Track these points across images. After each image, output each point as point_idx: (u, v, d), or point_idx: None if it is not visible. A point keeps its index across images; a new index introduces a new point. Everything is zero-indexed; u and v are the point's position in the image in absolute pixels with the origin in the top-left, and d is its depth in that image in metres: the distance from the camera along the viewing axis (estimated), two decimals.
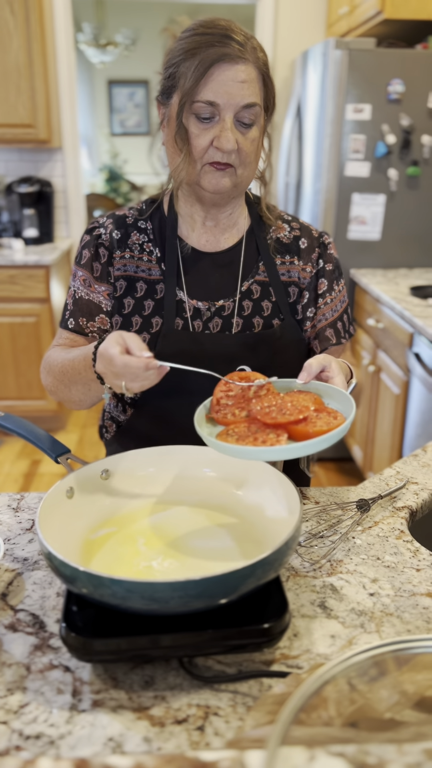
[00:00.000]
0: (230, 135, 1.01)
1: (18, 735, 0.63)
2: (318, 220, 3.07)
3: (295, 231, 1.21)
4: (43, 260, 3.22)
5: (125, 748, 0.62)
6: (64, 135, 3.61)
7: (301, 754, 0.44)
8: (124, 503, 0.89)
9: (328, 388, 0.91)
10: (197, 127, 1.03)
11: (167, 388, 1.13)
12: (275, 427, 0.84)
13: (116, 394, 1.21)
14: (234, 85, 1.00)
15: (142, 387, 0.89)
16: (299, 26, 3.56)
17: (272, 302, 1.17)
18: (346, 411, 0.86)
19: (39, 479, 3.10)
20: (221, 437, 0.85)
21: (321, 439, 0.78)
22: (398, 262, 3.13)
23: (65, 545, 0.78)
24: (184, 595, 0.65)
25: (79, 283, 1.18)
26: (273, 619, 0.70)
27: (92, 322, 1.17)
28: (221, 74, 0.99)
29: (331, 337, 1.21)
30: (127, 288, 1.16)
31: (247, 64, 1.01)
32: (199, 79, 1.00)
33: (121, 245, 1.17)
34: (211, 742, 0.62)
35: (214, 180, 1.06)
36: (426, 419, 2.25)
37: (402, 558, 0.91)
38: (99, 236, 1.18)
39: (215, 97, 1.00)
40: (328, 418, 0.84)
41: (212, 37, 1.00)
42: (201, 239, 1.17)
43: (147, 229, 1.18)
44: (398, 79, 2.83)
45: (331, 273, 1.22)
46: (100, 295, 1.17)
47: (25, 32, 3.17)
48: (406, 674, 0.60)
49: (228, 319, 1.15)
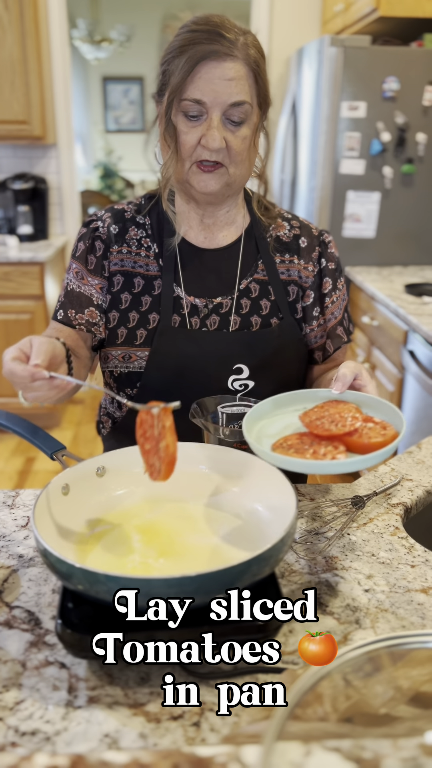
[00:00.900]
0: (216, 134, 1.01)
1: (14, 731, 0.63)
2: (313, 217, 3.08)
3: (295, 229, 1.21)
4: (37, 257, 3.21)
5: (121, 744, 0.62)
6: (59, 131, 3.60)
7: (298, 749, 0.44)
8: (120, 500, 0.89)
9: (366, 398, 0.92)
10: (185, 125, 1.02)
11: (162, 386, 1.13)
12: (330, 439, 0.84)
13: (112, 390, 1.21)
14: (221, 83, 0.99)
15: (37, 399, 0.87)
16: (294, 23, 3.56)
17: (271, 301, 1.16)
18: (393, 421, 0.87)
19: (33, 476, 3.09)
20: (279, 450, 0.83)
21: (383, 451, 0.79)
22: (393, 259, 3.13)
23: (61, 542, 0.78)
24: (180, 592, 0.65)
25: (72, 275, 1.18)
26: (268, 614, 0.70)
27: (81, 314, 1.15)
28: (208, 72, 0.99)
29: (342, 335, 1.22)
30: (125, 283, 1.15)
31: (236, 61, 0.99)
32: (185, 76, 0.99)
33: (118, 240, 1.16)
34: (207, 738, 0.62)
35: (203, 182, 1.06)
36: (420, 416, 2.26)
37: (397, 554, 0.91)
38: (96, 229, 1.17)
39: (202, 95, 0.99)
40: (379, 429, 0.84)
41: (201, 34, 0.99)
42: (199, 236, 1.17)
43: (145, 224, 1.17)
44: (393, 76, 2.83)
45: (333, 271, 1.21)
46: (92, 288, 1.16)
47: (19, 28, 3.15)
48: (400, 670, 0.61)
49: (225, 316, 1.14)
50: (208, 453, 0.94)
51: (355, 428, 0.84)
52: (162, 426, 0.78)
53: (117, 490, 0.90)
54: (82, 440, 3.45)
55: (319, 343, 1.22)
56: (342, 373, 0.93)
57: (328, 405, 0.92)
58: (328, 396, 0.95)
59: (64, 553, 0.72)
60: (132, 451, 0.94)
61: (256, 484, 0.88)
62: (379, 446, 0.80)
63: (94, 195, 6.58)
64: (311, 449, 0.82)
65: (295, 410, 0.96)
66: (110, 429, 1.26)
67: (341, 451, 0.81)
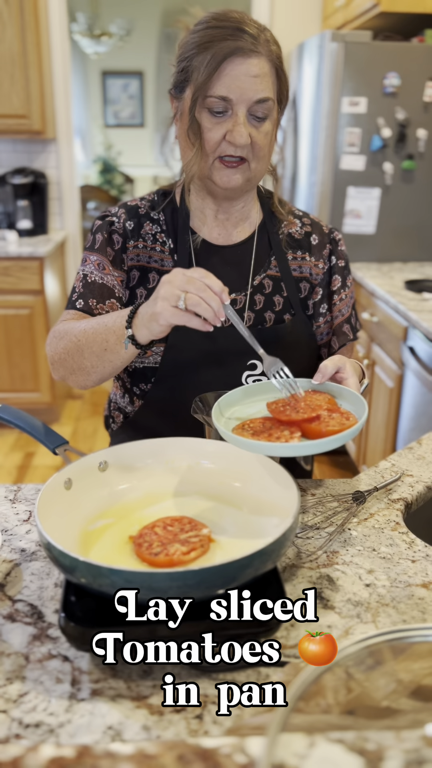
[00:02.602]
0: (243, 130, 1.01)
1: (18, 724, 0.63)
2: (313, 213, 3.07)
3: (306, 227, 1.21)
4: (37, 252, 3.21)
5: (124, 736, 0.62)
6: (59, 126, 3.59)
7: (302, 741, 0.45)
8: (122, 494, 0.90)
9: (342, 390, 0.94)
10: (210, 121, 1.02)
11: (177, 381, 1.13)
12: (289, 424, 0.86)
13: (125, 385, 1.20)
14: (247, 79, 0.99)
15: (200, 303, 0.86)
16: (295, 18, 3.55)
17: (284, 297, 1.17)
18: (358, 412, 0.89)
19: (33, 471, 3.10)
20: (237, 431, 0.87)
21: (333, 438, 0.80)
22: (393, 255, 3.13)
23: (63, 536, 0.78)
24: (183, 585, 0.65)
25: (93, 267, 1.14)
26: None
27: (102, 305, 1.12)
28: (234, 69, 0.99)
29: (348, 332, 1.22)
30: (140, 278, 1.15)
31: (260, 57, 1.00)
32: (211, 73, 0.99)
33: (134, 234, 1.16)
34: (210, 730, 0.63)
35: (226, 177, 1.06)
36: (419, 413, 2.26)
37: (397, 549, 0.92)
38: (112, 223, 1.16)
39: (228, 92, 0.99)
40: (341, 419, 0.86)
41: (225, 31, 0.99)
42: (213, 232, 1.17)
43: (160, 220, 1.17)
44: (394, 72, 2.83)
45: (342, 269, 1.22)
46: (114, 279, 1.14)
47: (18, 22, 3.14)
48: (402, 663, 0.61)
49: (240, 313, 1.15)
50: (210, 448, 0.94)
51: (315, 416, 0.86)
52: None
53: (119, 485, 0.90)
54: (82, 435, 3.45)
55: (325, 340, 1.23)
56: (324, 365, 0.95)
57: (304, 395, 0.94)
58: (307, 385, 0.97)
59: (67, 547, 0.73)
60: (134, 446, 0.94)
61: (258, 479, 0.88)
62: (334, 434, 0.82)
63: (94, 190, 6.57)
64: (267, 432, 0.85)
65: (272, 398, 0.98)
66: (121, 424, 1.26)
67: (296, 436, 0.84)
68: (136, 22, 6.67)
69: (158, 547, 0.76)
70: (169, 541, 0.77)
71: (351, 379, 0.95)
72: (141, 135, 7.69)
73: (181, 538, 0.78)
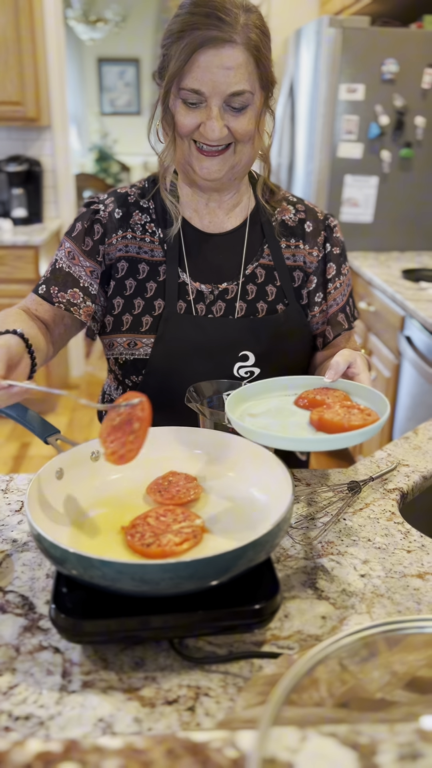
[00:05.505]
0: (215, 124, 0.98)
1: (7, 716, 0.63)
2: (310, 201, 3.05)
3: (300, 213, 1.18)
4: (32, 241, 3.18)
5: (115, 728, 0.61)
6: (53, 113, 3.55)
7: (293, 734, 0.44)
8: (114, 484, 0.89)
9: (357, 387, 0.92)
10: (184, 111, 1.00)
11: (168, 373, 1.11)
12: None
13: (117, 377, 1.19)
14: (219, 71, 0.95)
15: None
16: (292, 3, 3.51)
17: (277, 287, 1.15)
18: (377, 408, 0.88)
19: (28, 462, 3.09)
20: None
21: (356, 433, 0.80)
22: (390, 245, 3.12)
23: (55, 527, 0.77)
24: (175, 577, 0.64)
25: (63, 254, 1.14)
26: (264, 600, 0.69)
27: (63, 293, 1.12)
28: (206, 60, 0.95)
29: (343, 321, 1.19)
30: (129, 269, 1.13)
31: (235, 47, 0.95)
32: (182, 65, 0.96)
33: (122, 225, 1.14)
34: (201, 723, 0.62)
35: (206, 168, 1.04)
36: (416, 402, 2.25)
37: (393, 539, 0.91)
38: (96, 212, 1.14)
39: (200, 85, 0.96)
40: (362, 415, 0.85)
41: (200, 18, 0.95)
42: (204, 220, 1.15)
43: (149, 208, 1.15)
44: (392, 58, 2.80)
45: (338, 257, 1.19)
46: (81, 270, 1.13)
47: (12, 6, 3.10)
48: (396, 655, 0.60)
49: (231, 303, 1.13)
50: (203, 437, 0.93)
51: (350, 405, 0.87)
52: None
53: (111, 475, 0.89)
54: (78, 426, 3.44)
55: (320, 330, 1.20)
56: (335, 361, 0.93)
57: (317, 392, 0.93)
58: (319, 383, 0.95)
59: (58, 538, 0.72)
60: None
61: (252, 469, 0.87)
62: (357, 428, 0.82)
63: (90, 178, 6.52)
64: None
65: (285, 395, 0.97)
66: None
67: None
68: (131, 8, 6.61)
69: (150, 537, 0.75)
70: (161, 531, 0.76)
71: (363, 374, 0.93)
72: (137, 123, 7.63)
73: (174, 529, 0.77)
